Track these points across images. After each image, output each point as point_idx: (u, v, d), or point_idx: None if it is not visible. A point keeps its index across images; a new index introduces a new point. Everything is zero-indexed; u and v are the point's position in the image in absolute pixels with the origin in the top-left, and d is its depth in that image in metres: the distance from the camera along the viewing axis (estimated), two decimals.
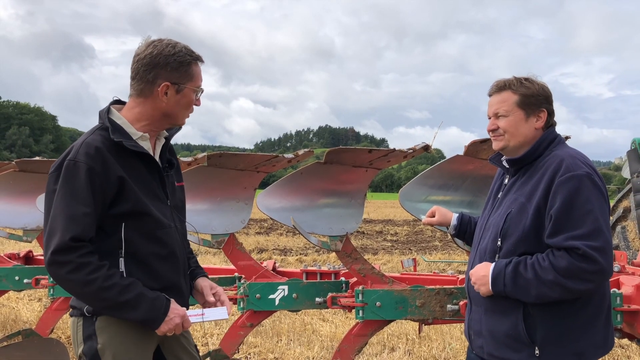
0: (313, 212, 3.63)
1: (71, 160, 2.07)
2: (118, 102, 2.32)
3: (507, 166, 2.47)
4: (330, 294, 3.65)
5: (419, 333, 4.45)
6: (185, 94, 2.23)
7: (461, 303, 3.32)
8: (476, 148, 3.25)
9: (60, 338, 5.35)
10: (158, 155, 2.31)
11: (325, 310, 5.43)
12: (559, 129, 2.47)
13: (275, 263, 4.38)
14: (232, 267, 4.16)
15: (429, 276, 4.02)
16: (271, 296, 3.69)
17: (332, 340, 5.85)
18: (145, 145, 2.24)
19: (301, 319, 6.82)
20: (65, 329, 6.03)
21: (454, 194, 3.54)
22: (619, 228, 4.82)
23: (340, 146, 3.42)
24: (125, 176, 2.11)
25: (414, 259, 4.49)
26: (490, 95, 2.46)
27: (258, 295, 3.67)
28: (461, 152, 3.31)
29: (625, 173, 4.76)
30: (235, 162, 3.67)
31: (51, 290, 4.28)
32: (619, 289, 3.34)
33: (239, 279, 3.98)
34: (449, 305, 3.38)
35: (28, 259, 5.13)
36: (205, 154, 3.62)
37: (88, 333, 2.16)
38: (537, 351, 2.23)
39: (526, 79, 2.39)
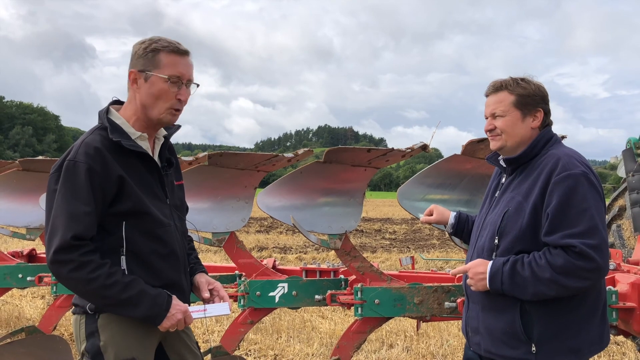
0: (312, 211, 3.64)
1: (71, 161, 2.08)
2: (117, 103, 2.32)
3: (505, 165, 2.48)
4: (329, 292, 3.66)
5: (417, 330, 4.47)
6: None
7: (459, 300, 3.33)
8: (473, 147, 3.25)
9: (63, 335, 5.37)
10: (157, 154, 2.31)
11: (325, 307, 5.45)
12: (555, 129, 2.49)
13: (275, 261, 4.37)
14: (233, 265, 4.18)
15: (426, 274, 4.00)
16: (271, 294, 3.70)
17: (331, 337, 5.86)
18: (144, 144, 2.23)
19: (301, 316, 6.84)
20: (68, 326, 6.04)
21: (451, 193, 3.55)
22: (614, 226, 4.85)
23: (340, 146, 3.44)
24: (125, 175, 2.12)
25: (412, 257, 4.49)
26: (487, 95, 2.46)
27: (258, 292, 3.68)
28: (459, 152, 3.33)
29: (621, 172, 4.78)
30: (236, 162, 3.68)
31: (54, 287, 4.29)
32: (614, 286, 3.36)
33: (239, 276, 3.99)
34: (446, 303, 3.39)
35: (31, 256, 5.12)
36: (206, 153, 3.63)
37: (90, 330, 2.16)
38: (534, 348, 2.24)
39: (522, 79, 2.39)
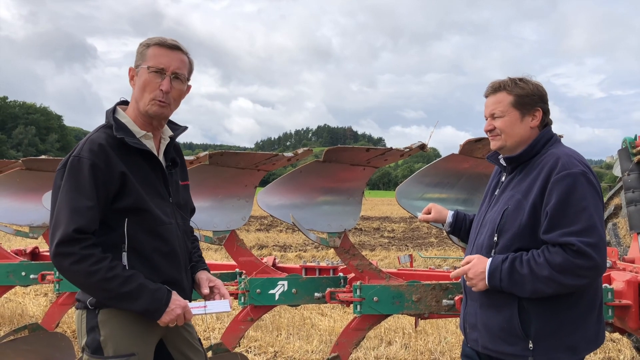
0: (312, 210, 3.65)
1: (75, 157, 2.13)
2: (124, 103, 2.37)
3: (505, 164, 2.50)
4: (328, 289, 3.69)
5: (415, 327, 4.50)
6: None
7: (456, 298, 3.35)
8: (471, 147, 3.27)
9: (65, 332, 5.40)
10: (162, 153, 2.35)
11: (324, 305, 5.48)
12: (552, 128, 2.50)
13: (275, 259, 4.38)
14: (233, 263, 4.19)
15: (425, 272, 4.02)
16: (271, 291, 3.72)
17: (331, 334, 5.90)
18: (148, 143, 2.27)
19: (300, 314, 6.87)
20: (71, 323, 6.09)
21: (449, 192, 3.57)
22: (610, 225, 4.88)
23: (339, 145, 3.46)
24: (128, 172, 2.15)
25: (411, 255, 4.52)
26: (486, 96, 2.49)
27: (258, 290, 3.70)
28: (456, 151, 3.34)
29: (617, 171, 4.81)
30: (237, 161, 3.69)
31: (57, 285, 4.30)
32: (610, 284, 3.39)
33: (239, 274, 4.02)
34: (444, 300, 3.42)
35: (34, 255, 5.13)
36: (207, 152, 3.63)
37: (91, 325, 2.19)
38: (531, 345, 2.27)
39: (521, 80, 2.41)
